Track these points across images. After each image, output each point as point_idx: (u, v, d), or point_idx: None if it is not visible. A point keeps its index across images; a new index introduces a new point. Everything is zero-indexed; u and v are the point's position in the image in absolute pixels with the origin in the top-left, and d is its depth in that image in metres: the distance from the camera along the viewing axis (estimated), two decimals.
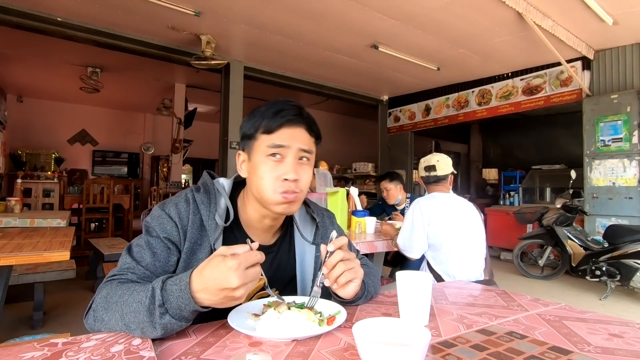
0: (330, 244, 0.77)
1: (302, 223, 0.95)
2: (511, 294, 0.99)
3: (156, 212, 0.82)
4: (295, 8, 3.68)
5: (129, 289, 0.68)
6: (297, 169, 0.80)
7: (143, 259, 0.76)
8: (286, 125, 0.80)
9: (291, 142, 0.80)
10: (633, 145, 4.10)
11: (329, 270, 0.76)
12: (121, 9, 3.75)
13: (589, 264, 3.81)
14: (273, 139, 0.79)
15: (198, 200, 0.83)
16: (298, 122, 0.81)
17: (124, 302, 0.66)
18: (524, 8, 3.44)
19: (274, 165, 0.79)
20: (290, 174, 0.78)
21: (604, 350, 0.63)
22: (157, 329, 0.62)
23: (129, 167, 9.74)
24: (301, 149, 0.81)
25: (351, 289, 0.79)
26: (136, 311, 0.64)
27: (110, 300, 0.68)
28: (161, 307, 0.62)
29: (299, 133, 0.81)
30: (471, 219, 1.95)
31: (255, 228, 0.89)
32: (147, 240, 0.79)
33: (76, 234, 3.82)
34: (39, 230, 2.19)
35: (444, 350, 0.63)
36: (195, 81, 6.83)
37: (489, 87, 5.59)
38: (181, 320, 0.64)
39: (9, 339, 1.67)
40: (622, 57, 4.36)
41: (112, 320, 0.66)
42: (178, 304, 0.62)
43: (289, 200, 0.80)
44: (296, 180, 0.79)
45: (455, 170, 2.09)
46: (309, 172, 0.83)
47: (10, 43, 5.03)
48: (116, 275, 0.74)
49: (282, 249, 0.93)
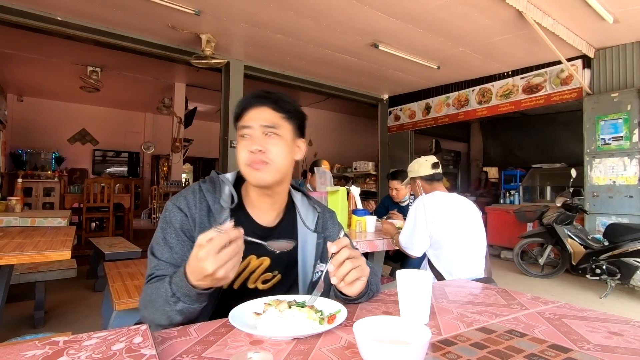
0: (333, 244, 0.78)
1: (305, 211, 1.02)
2: (511, 293, 0.99)
3: (168, 207, 0.91)
4: (295, 7, 3.68)
5: (156, 288, 0.79)
6: (263, 142, 0.88)
7: (163, 256, 0.86)
8: (249, 108, 0.91)
9: (253, 122, 0.89)
10: (633, 143, 4.10)
11: (336, 268, 0.77)
12: (121, 8, 3.75)
13: (589, 262, 3.82)
14: (241, 123, 0.91)
15: (204, 189, 0.93)
16: (261, 103, 0.91)
17: (154, 300, 0.78)
18: (525, 6, 3.43)
19: (244, 143, 0.90)
20: (253, 147, 0.87)
21: (604, 348, 0.63)
22: (177, 314, 0.74)
23: (130, 166, 9.74)
24: (263, 125, 0.89)
25: (357, 287, 0.80)
26: (161, 304, 0.75)
27: (146, 300, 0.81)
28: (173, 297, 0.73)
29: (262, 112, 0.90)
30: (472, 217, 1.95)
31: (257, 209, 0.96)
32: (162, 236, 0.88)
33: (77, 233, 3.82)
34: (39, 230, 2.19)
35: (444, 348, 0.63)
36: (196, 80, 6.83)
37: (490, 86, 5.59)
38: (193, 303, 0.74)
39: (11, 338, 1.68)
40: (623, 56, 4.35)
41: (151, 316, 0.79)
42: (184, 292, 0.72)
43: (255, 169, 0.88)
44: (261, 151, 0.87)
45: (456, 168, 2.09)
46: (278, 144, 0.90)
47: (10, 43, 5.03)
48: (149, 277, 0.85)
49: (284, 232, 0.98)
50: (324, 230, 1.02)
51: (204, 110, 8.72)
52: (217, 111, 5.48)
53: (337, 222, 1.09)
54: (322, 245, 0.99)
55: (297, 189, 1.06)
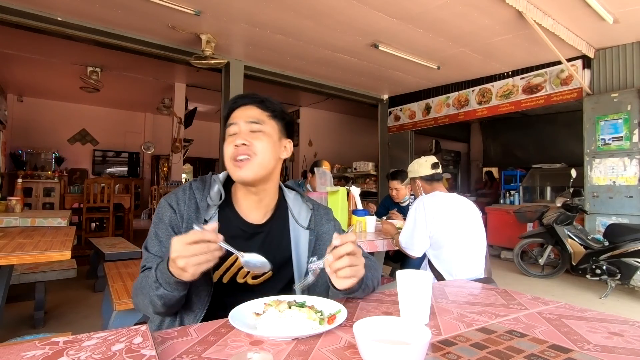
0: (338, 237, 0.78)
1: (297, 209, 1.04)
2: (511, 293, 0.99)
3: (161, 203, 0.96)
4: (295, 7, 3.68)
5: (145, 276, 0.85)
6: (247, 136, 0.91)
7: (154, 249, 0.91)
8: (235, 108, 0.96)
9: (239, 119, 0.93)
10: (633, 143, 4.10)
11: (334, 260, 0.77)
12: (121, 8, 3.75)
13: (589, 262, 3.82)
14: (228, 121, 0.95)
15: (194, 187, 0.97)
16: (247, 103, 0.95)
17: (143, 286, 0.84)
18: (524, 6, 3.43)
19: (230, 139, 0.93)
20: (238, 140, 0.90)
21: (604, 348, 0.63)
22: (158, 299, 0.79)
23: (130, 167, 9.74)
24: (248, 120, 0.93)
25: (346, 283, 0.80)
26: (147, 289, 0.81)
27: (136, 288, 0.88)
28: (156, 282, 0.78)
29: (248, 110, 0.94)
30: (472, 218, 1.96)
31: (244, 207, 0.98)
32: (154, 231, 0.93)
33: (77, 233, 3.82)
34: (39, 230, 2.19)
35: (444, 348, 0.63)
36: (196, 80, 6.83)
37: (489, 86, 5.59)
38: (173, 290, 0.78)
39: (11, 338, 1.68)
40: (623, 56, 4.35)
41: (142, 303, 0.85)
42: (164, 278, 0.77)
43: (238, 166, 0.91)
44: (245, 144, 0.90)
45: (456, 169, 2.10)
46: (262, 139, 0.92)
47: (10, 43, 5.03)
48: (141, 268, 0.91)
49: (273, 229, 1.00)
50: (317, 227, 1.03)
51: (204, 110, 8.72)
52: (217, 111, 5.49)
53: (333, 218, 1.09)
54: (315, 242, 1.00)
55: (292, 188, 1.07)
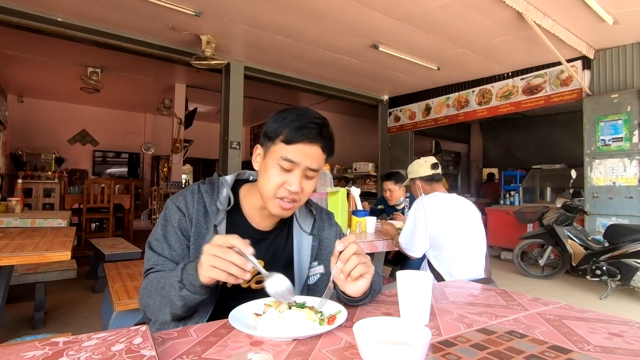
0: (340, 242, 0.78)
1: (302, 215, 1.03)
2: (511, 294, 0.99)
3: (168, 205, 0.94)
4: (295, 8, 3.69)
5: (163, 276, 0.82)
6: (301, 183, 0.87)
7: (163, 252, 0.89)
8: (303, 142, 0.85)
9: (302, 160, 0.85)
10: (633, 144, 4.10)
11: (343, 264, 0.78)
12: (121, 9, 3.75)
13: (590, 263, 3.81)
14: (287, 151, 0.85)
15: (202, 190, 0.94)
16: (315, 142, 0.86)
17: (162, 287, 0.80)
18: (524, 7, 3.43)
19: (281, 173, 0.86)
20: (293, 187, 0.85)
21: (604, 349, 0.63)
22: (179, 300, 0.76)
23: (130, 167, 9.75)
24: (309, 168, 0.86)
25: (362, 285, 0.80)
26: (168, 289, 0.78)
27: (150, 289, 0.83)
28: (180, 282, 0.76)
29: (313, 151, 0.86)
30: (472, 218, 1.95)
31: (253, 213, 0.97)
32: (162, 233, 0.90)
33: (77, 234, 3.81)
34: (39, 231, 2.19)
35: (444, 349, 0.63)
36: (196, 81, 6.83)
37: (489, 87, 5.59)
38: (196, 293, 0.76)
39: (10, 338, 1.68)
40: (623, 57, 4.36)
41: (156, 304, 0.82)
42: (190, 280, 0.75)
43: (285, 208, 0.88)
44: (297, 192, 0.86)
45: (456, 169, 2.10)
46: (312, 184, 0.90)
47: (10, 43, 5.04)
48: (150, 269, 0.88)
49: (279, 236, 1.00)
50: (320, 232, 1.03)
51: (204, 111, 8.73)
52: (218, 112, 5.48)
53: (335, 222, 1.09)
54: (317, 247, 1.00)
55: None
